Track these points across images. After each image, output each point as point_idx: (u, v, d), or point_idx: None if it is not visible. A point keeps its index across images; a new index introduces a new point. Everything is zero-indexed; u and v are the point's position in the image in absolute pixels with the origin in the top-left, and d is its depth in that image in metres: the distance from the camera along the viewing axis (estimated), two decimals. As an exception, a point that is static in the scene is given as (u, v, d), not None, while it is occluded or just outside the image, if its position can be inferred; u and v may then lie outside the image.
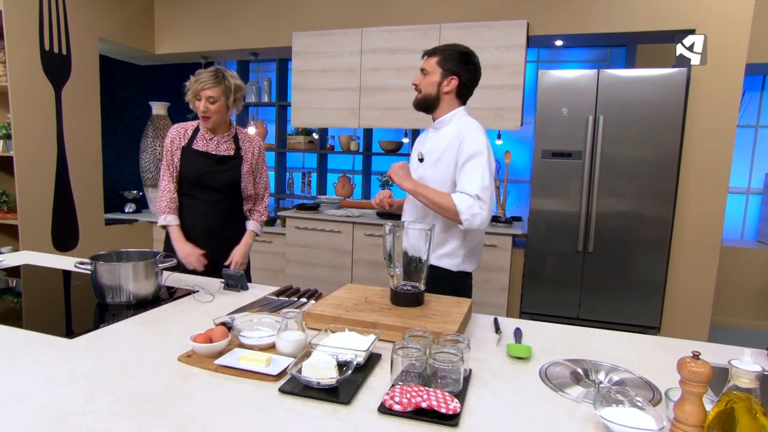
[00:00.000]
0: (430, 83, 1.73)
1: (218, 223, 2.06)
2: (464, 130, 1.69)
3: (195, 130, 2.03)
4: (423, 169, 1.78)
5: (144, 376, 1.05)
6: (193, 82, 1.93)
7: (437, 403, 0.92)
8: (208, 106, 1.91)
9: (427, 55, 1.74)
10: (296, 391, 1.00)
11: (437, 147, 1.74)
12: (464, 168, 1.65)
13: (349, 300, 1.49)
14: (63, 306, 1.61)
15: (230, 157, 2.03)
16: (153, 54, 4.24)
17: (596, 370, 1.16)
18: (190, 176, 2.01)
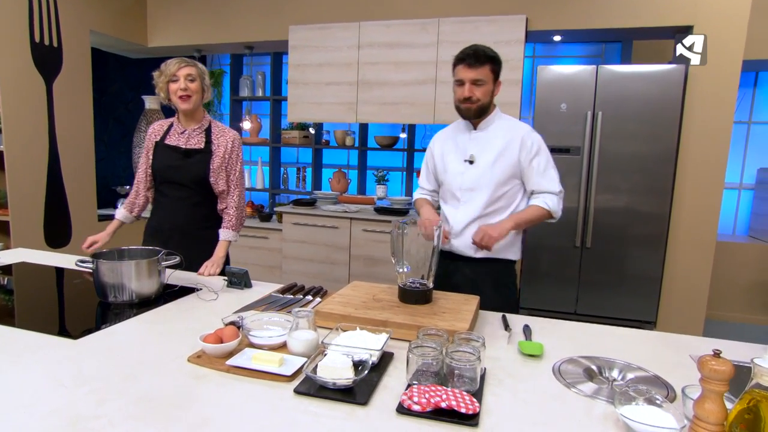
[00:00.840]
0: (487, 92, 1.70)
1: (188, 221, 1.97)
2: (518, 128, 1.76)
3: (170, 126, 1.99)
4: (476, 171, 1.76)
5: (155, 378, 1.03)
6: (165, 68, 1.87)
7: (456, 402, 0.91)
8: (188, 84, 1.85)
9: (478, 64, 1.66)
10: (311, 391, 0.98)
11: (490, 148, 1.75)
12: (534, 166, 1.74)
13: (356, 298, 1.47)
14: (63, 305, 1.57)
15: (199, 150, 1.94)
16: (146, 47, 4.16)
17: (609, 367, 1.16)
18: (158, 171, 1.96)
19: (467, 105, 1.71)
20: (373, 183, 4.73)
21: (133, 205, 2.05)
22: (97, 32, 3.64)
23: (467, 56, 1.66)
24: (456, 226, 1.80)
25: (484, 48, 1.69)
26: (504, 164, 1.74)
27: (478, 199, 1.77)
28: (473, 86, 1.68)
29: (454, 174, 1.80)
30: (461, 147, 1.80)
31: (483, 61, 1.66)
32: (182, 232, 1.97)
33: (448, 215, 1.84)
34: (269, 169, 4.83)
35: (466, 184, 1.78)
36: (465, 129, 1.82)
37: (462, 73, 1.68)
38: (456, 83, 1.72)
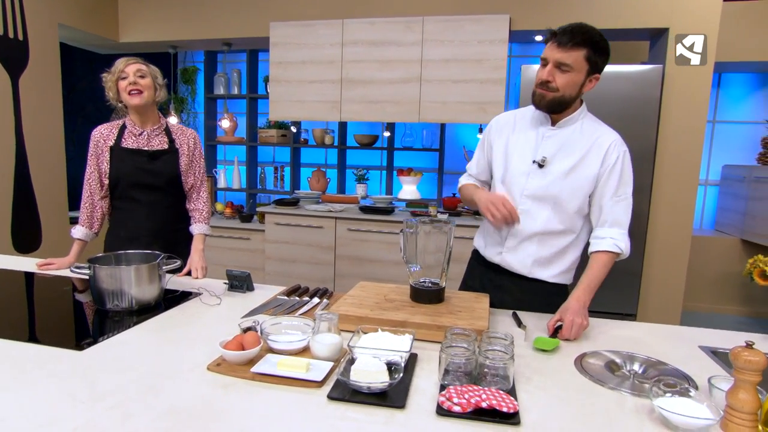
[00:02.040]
0: (572, 83, 1.38)
1: (163, 224, 1.90)
2: (605, 135, 1.47)
3: (121, 128, 1.86)
4: (546, 178, 1.48)
5: (178, 389, 0.98)
6: (113, 67, 1.79)
7: (497, 401, 0.91)
8: (138, 79, 1.76)
9: (570, 44, 1.33)
10: (346, 397, 0.96)
11: (568, 153, 1.46)
12: (611, 186, 1.45)
13: (367, 299, 1.45)
14: (59, 315, 1.48)
15: (164, 151, 1.87)
16: (117, 42, 3.99)
17: (629, 360, 1.19)
18: (124, 176, 1.83)
19: (542, 91, 1.41)
20: (352, 182, 4.70)
21: (91, 220, 1.90)
22: (65, 26, 3.45)
23: (562, 32, 1.35)
24: (511, 238, 1.55)
25: (589, 28, 1.36)
26: (578, 177, 1.46)
27: (543, 213, 1.50)
28: (555, 69, 1.37)
29: (516, 174, 1.52)
30: (531, 143, 1.51)
31: (577, 42, 1.33)
32: (162, 237, 1.88)
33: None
34: (246, 168, 4.72)
35: (530, 190, 1.50)
36: (540, 122, 1.51)
37: (548, 51, 1.38)
38: (541, 62, 1.42)
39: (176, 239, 1.94)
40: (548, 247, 1.54)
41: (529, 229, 1.52)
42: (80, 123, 4.16)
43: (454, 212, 3.57)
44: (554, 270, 1.56)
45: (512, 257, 1.58)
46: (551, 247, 1.54)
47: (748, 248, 3.95)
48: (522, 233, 1.54)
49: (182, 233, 1.97)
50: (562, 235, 1.52)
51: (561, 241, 1.53)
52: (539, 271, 1.56)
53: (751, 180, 3.77)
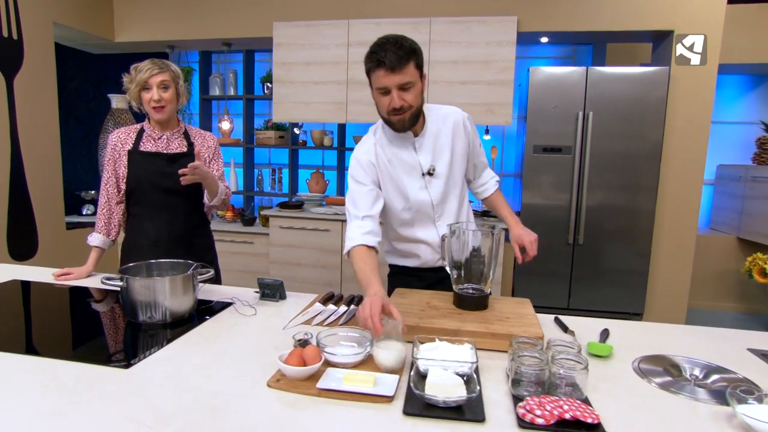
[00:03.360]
0: (418, 94, 1.42)
1: (184, 229, 1.84)
2: (456, 114, 1.58)
3: (139, 132, 1.81)
4: (438, 183, 1.57)
5: (244, 409, 0.93)
6: (136, 74, 1.71)
7: (580, 412, 0.89)
8: (162, 94, 1.71)
9: (402, 62, 1.34)
10: (422, 412, 0.93)
11: (441, 148, 1.56)
12: (478, 146, 1.68)
13: (411, 306, 1.42)
14: (88, 329, 1.41)
15: (184, 154, 1.82)
16: (112, 42, 3.87)
17: (688, 365, 1.18)
18: (143, 181, 1.77)
19: (399, 117, 1.43)
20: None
21: (108, 227, 1.83)
22: (60, 25, 3.33)
23: (385, 55, 1.34)
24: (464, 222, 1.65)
25: (400, 38, 1.38)
26: (459, 158, 1.60)
27: (452, 205, 1.63)
28: (400, 92, 1.38)
29: (417, 194, 1.57)
30: (411, 161, 1.55)
31: (405, 58, 1.35)
32: (182, 242, 1.83)
33: (427, 239, 1.63)
34: (243, 170, 4.63)
35: (435, 198, 1.59)
36: (403, 138, 1.54)
37: (383, 80, 1.38)
38: (379, 92, 1.42)
39: (196, 244, 1.89)
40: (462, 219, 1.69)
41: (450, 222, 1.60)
42: (72, 125, 4.02)
43: (461, 214, 3.56)
44: None
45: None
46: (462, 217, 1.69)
47: (744, 246, 4.04)
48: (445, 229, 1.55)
49: (202, 238, 1.92)
50: (463, 203, 1.69)
51: (463, 207, 1.69)
52: None
53: (748, 179, 3.86)
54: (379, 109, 1.49)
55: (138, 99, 1.74)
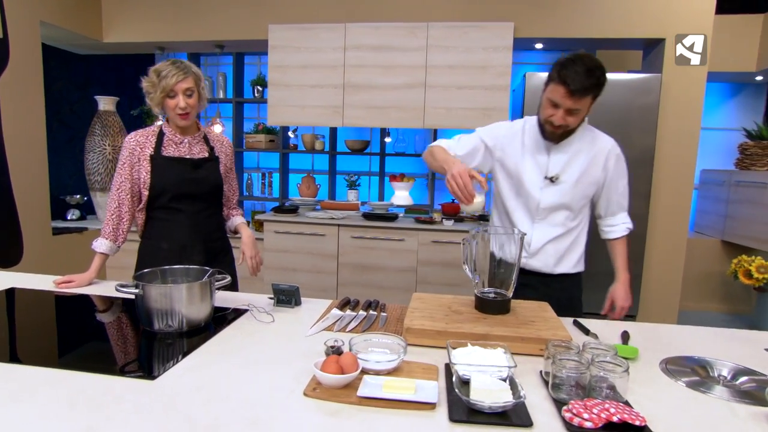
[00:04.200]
0: (580, 118, 1.52)
1: (206, 234, 1.82)
2: (608, 146, 1.63)
3: (159, 136, 1.75)
4: (555, 192, 1.62)
5: (286, 420, 0.90)
6: (159, 79, 1.64)
7: (627, 415, 0.89)
8: (187, 100, 1.66)
9: (583, 93, 1.43)
10: (469, 418, 0.91)
11: (575, 165, 1.61)
12: (620, 186, 1.69)
13: (434, 311, 1.41)
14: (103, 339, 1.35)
15: (206, 159, 1.79)
16: (101, 42, 3.76)
17: (714, 367, 1.20)
18: (169, 187, 1.72)
19: (553, 129, 1.53)
20: (343, 188, 4.63)
21: (116, 233, 1.76)
22: (48, 24, 3.22)
23: (573, 80, 1.40)
24: (533, 244, 1.68)
25: (597, 73, 1.42)
26: (584, 185, 1.63)
27: (557, 218, 1.66)
28: (564, 112, 1.47)
29: (531, 189, 1.64)
30: (541, 161, 1.63)
31: (586, 91, 1.42)
32: (205, 247, 1.81)
33: (519, 227, 1.67)
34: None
35: (545, 203, 1.64)
36: (543, 141, 1.62)
37: (559, 97, 1.45)
38: (549, 102, 1.50)
39: (217, 249, 1.87)
40: (564, 243, 1.70)
41: (548, 235, 1.68)
42: (56, 128, 3.89)
43: (458, 218, 3.57)
44: (572, 260, 1.73)
45: (535, 261, 1.71)
46: (566, 242, 1.70)
47: (728, 249, 4.16)
48: (541, 240, 1.68)
49: (222, 242, 1.90)
50: (574, 230, 1.70)
51: (572, 234, 1.70)
52: (561, 267, 1.72)
53: (732, 184, 3.98)
54: (540, 111, 1.58)
55: (161, 105, 1.68)
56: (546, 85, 1.53)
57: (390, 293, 3.43)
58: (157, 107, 1.69)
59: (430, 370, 1.12)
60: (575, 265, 1.74)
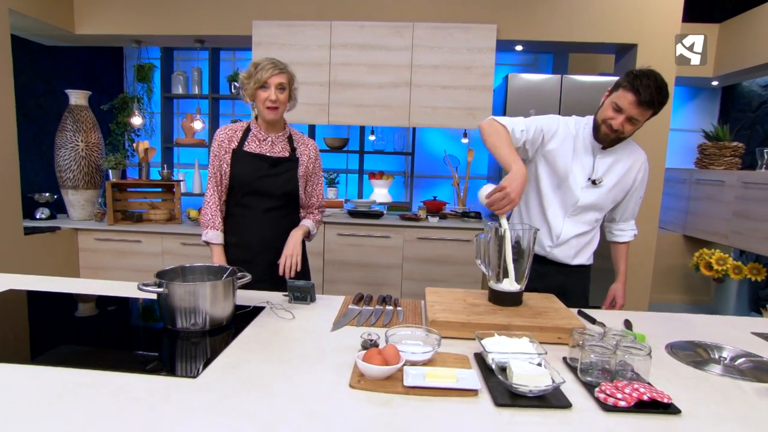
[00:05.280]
0: (634, 130, 1.60)
1: (275, 235, 1.83)
2: (641, 157, 1.74)
3: (245, 131, 1.81)
4: (593, 193, 1.71)
5: (341, 411, 0.93)
6: (256, 71, 1.69)
7: (657, 394, 0.97)
8: (278, 94, 1.71)
9: (650, 106, 1.51)
10: (512, 402, 0.97)
11: (615, 172, 1.70)
12: (640, 196, 1.81)
13: (452, 304, 1.46)
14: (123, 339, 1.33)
15: (286, 159, 1.82)
16: (72, 34, 3.59)
17: (714, 349, 1.31)
18: (243, 182, 1.78)
19: (609, 132, 1.59)
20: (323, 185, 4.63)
21: (215, 223, 1.81)
22: (16, 13, 3.06)
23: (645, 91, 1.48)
24: (562, 236, 1.77)
25: (666, 90, 1.51)
26: (617, 190, 1.73)
27: (587, 217, 1.76)
28: (625, 120, 1.55)
29: (573, 188, 1.71)
30: (587, 163, 1.70)
31: (650, 104, 1.50)
32: (274, 247, 1.81)
33: (552, 219, 1.76)
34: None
35: (582, 203, 1.72)
36: (593, 144, 1.70)
37: (626, 104, 1.52)
38: (613, 105, 1.56)
39: None
40: (586, 238, 1.83)
41: (575, 230, 1.79)
42: (20, 121, 3.69)
43: (442, 215, 3.65)
44: (588, 254, 1.87)
45: (558, 251, 1.82)
46: (587, 238, 1.83)
47: (689, 243, 4.44)
48: (569, 233, 1.79)
49: None
50: (595, 228, 1.84)
51: (593, 232, 1.84)
52: (578, 258, 1.84)
53: (692, 182, 4.25)
54: (599, 113, 1.65)
55: (253, 96, 1.72)
56: (613, 90, 1.60)
57: (376, 290, 3.47)
58: (249, 98, 1.74)
59: (462, 359, 1.17)
60: (589, 257, 1.86)
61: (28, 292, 1.61)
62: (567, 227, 1.76)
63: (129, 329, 1.43)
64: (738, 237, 3.62)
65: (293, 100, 1.82)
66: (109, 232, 3.48)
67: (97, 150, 3.61)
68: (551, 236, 1.79)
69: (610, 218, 1.89)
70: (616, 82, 1.60)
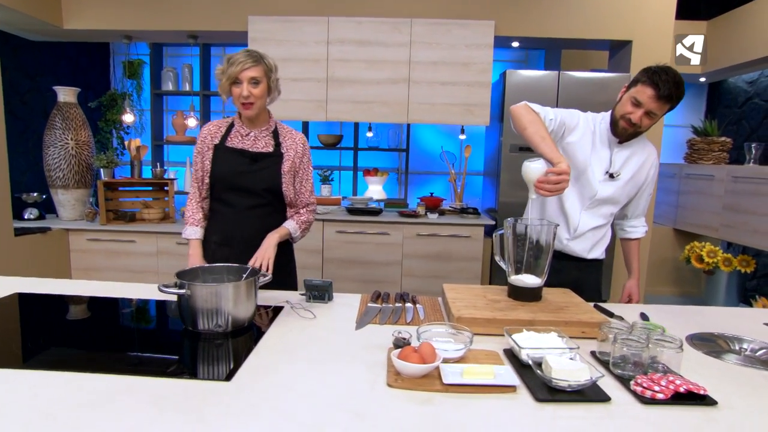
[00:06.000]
0: (652, 124, 1.63)
1: (259, 234, 1.73)
2: (653, 154, 1.77)
3: (230, 126, 1.76)
4: (611, 186, 1.73)
5: (385, 411, 0.92)
6: (228, 66, 1.63)
7: (693, 386, 0.98)
8: (251, 90, 1.63)
9: (669, 101, 1.54)
10: (552, 397, 0.97)
11: (630, 166, 1.73)
12: (650, 192, 1.83)
13: (473, 300, 1.46)
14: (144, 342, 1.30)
15: (269, 154, 1.75)
16: (60, 29, 3.49)
17: (735, 341, 1.33)
18: (222, 178, 1.72)
19: (627, 126, 1.62)
20: (316, 183, 4.59)
21: (196, 219, 1.78)
22: (4, 6, 2.95)
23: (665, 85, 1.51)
24: (579, 229, 1.79)
25: (683, 84, 1.55)
26: (632, 185, 1.76)
27: (604, 210, 1.78)
28: (644, 114, 1.58)
29: (591, 181, 1.73)
30: (605, 156, 1.73)
31: (669, 98, 1.54)
32: (255, 246, 1.71)
33: (570, 211, 1.78)
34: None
35: (600, 196, 1.74)
36: (609, 138, 1.72)
37: (646, 99, 1.55)
38: (632, 100, 1.59)
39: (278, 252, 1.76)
40: (601, 232, 1.85)
41: (592, 223, 1.80)
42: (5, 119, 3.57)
43: (441, 211, 3.65)
44: (602, 249, 1.88)
45: (575, 244, 1.83)
46: (602, 232, 1.85)
47: (679, 236, 4.53)
48: (586, 226, 1.80)
49: (280, 245, 1.77)
50: (609, 223, 1.86)
51: (606, 226, 1.86)
52: (594, 252, 1.85)
53: (682, 176, 4.34)
54: (616, 107, 1.67)
55: (228, 92, 1.67)
56: (630, 86, 1.62)
57: (376, 287, 3.45)
58: (225, 95, 1.69)
59: (492, 355, 1.17)
60: (602, 252, 1.88)
61: (38, 295, 1.56)
62: (584, 220, 1.79)
63: (148, 332, 1.40)
64: (728, 230, 3.71)
65: (274, 92, 1.74)
66: (101, 232, 3.40)
67: (87, 148, 3.52)
68: (569, 229, 1.81)
69: (621, 215, 1.90)
70: (633, 78, 1.63)
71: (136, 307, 1.52)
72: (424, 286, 3.43)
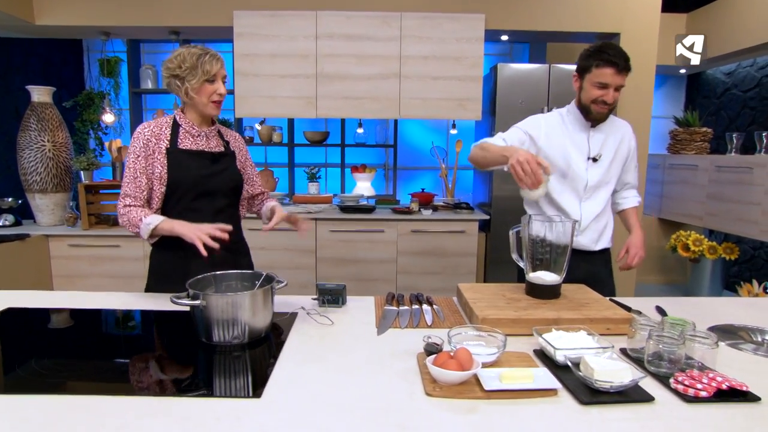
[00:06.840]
0: (618, 95, 1.69)
1: (233, 235, 1.60)
2: (627, 128, 1.84)
3: (173, 127, 1.60)
4: (598, 170, 1.77)
5: (431, 422, 0.88)
6: (202, 63, 1.51)
7: (735, 382, 0.98)
8: (224, 88, 1.59)
9: (627, 69, 1.63)
10: (596, 399, 0.95)
11: (609, 146, 1.78)
12: (635, 164, 1.88)
13: (494, 300, 1.43)
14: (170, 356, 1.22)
15: (224, 153, 1.67)
16: (31, 25, 3.30)
17: (756, 332, 1.34)
18: (190, 183, 1.58)
19: (602, 109, 1.68)
20: (303, 181, 4.51)
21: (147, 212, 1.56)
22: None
23: (618, 58, 1.61)
24: (583, 222, 1.80)
25: (620, 48, 1.65)
26: (617, 164, 1.81)
27: (600, 195, 1.81)
28: (614, 92, 1.65)
29: (578, 171, 1.77)
30: (582, 143, 1.78)
31: (628, 67, 1.64)
32: (233, 250, 1.66)
33: (569, 208, 1.80)
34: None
35: (592, 182, 1.78)
36: (582, 124, 1.77)
37: (609, 77, 1.62)
38: (598, 85, 1.65)
39: (242, 250, 1.77)
40: (603, 220, 1.87)
41: (593, 212, 1.82)
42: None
43: (433, 207, 3.63)
44: (608, 237, 1.89)
45: (581, 238, 1.83)
46: (604, 219, 1.87)
47: (664, 226, 4.62)
48: (589, 217, 1.82)
49: (242, 244, 1.77)
50: (607, 206, 1.88)
51: (607, 211, 1.88)
52: (601, 242, 1.87)
53: (666, 166, 4.42)
54: (582, 96, 1.72)
55: (198, 90, 1.53)
56: (584, 73, 1.70)
57: (371, 285, 3.42)
58: (192, 91, 1.53)
59: (524, 357, 1.15)
60: (609, 240, 1.90)
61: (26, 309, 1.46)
62: (585, 211, 1.81)
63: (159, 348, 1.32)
64: (713, 219, 3.80)
65: None
66: (83, 237, 3.25)
67: (65, 150, 3.36)
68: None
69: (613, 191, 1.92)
70: (581, 65, 1.70)
71: (143, 320, 1.44)
72: (419, 283, 3.41)
